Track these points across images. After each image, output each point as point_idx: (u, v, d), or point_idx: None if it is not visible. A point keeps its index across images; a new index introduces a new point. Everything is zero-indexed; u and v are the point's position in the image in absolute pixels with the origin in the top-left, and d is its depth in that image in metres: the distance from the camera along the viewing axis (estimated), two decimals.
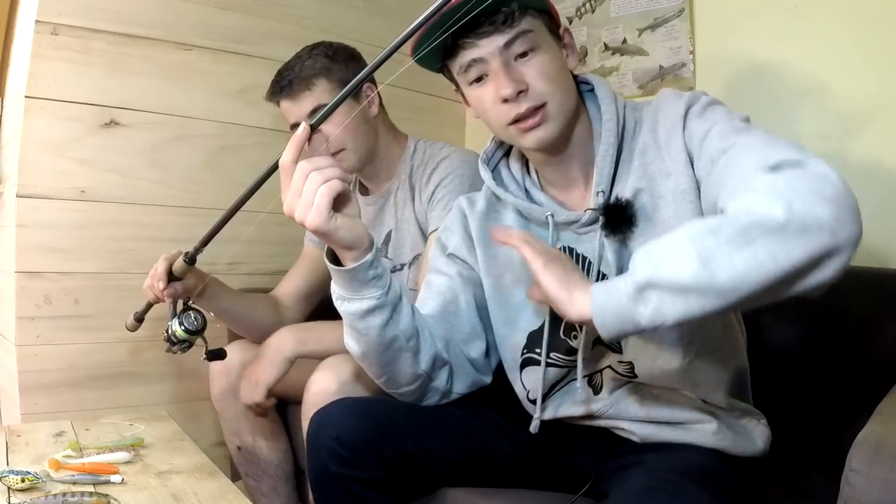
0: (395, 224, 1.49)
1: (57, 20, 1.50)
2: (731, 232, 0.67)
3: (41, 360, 1.53)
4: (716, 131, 0.86)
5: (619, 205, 0.91)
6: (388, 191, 1.50)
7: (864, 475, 0.67)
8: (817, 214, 0.66)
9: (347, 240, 0.87)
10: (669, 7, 1.68)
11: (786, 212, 0.66)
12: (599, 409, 1.01)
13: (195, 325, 1.19)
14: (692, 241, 0.69)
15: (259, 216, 1.17)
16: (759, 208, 0.67)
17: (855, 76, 1.37)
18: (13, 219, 1.50)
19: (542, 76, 0.91)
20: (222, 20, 1.73)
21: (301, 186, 0.83)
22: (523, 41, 0.90)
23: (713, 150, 0.84)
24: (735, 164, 0.78)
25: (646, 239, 0.90)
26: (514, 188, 1.04)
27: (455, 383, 1.04)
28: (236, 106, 1.77)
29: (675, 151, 0.90)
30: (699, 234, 0.69)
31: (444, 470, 1.03)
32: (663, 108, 0.94)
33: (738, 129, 0.84)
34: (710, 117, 0.89)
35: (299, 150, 0.85)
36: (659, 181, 0.92)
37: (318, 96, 1.38)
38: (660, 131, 0.93)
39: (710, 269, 0.67)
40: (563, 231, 0.99)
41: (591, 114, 0.99)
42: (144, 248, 1.62)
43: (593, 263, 0.95)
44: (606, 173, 0.94)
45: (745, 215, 0.68)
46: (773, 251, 0.66)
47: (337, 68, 1.40)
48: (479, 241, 1.06)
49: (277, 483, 1.50)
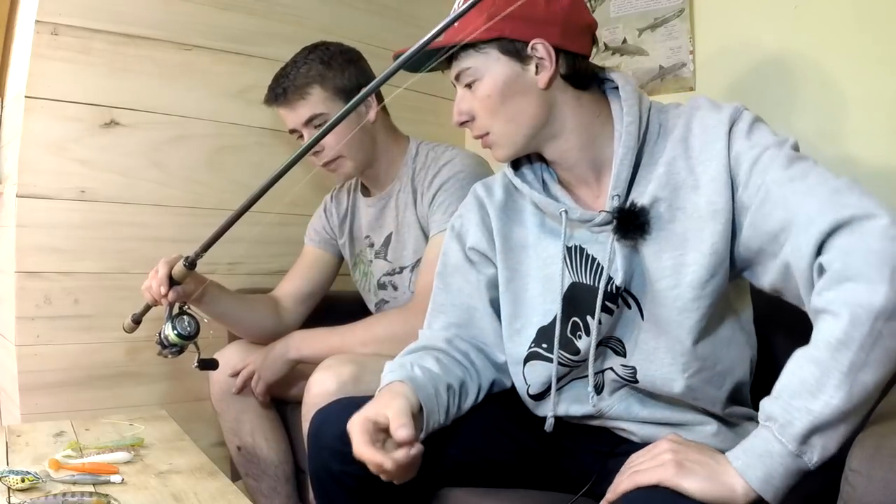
0: (396, 226, 1.49)
1: (57, 20, 1.50)
2: (860, 337, 0.68)
3: (41, 360, 1.53)
4: (768, 160, 0.84)
5: (633, 211, 0.90)
6: (389, 193, 1.50)
7: (864, 475, 0.66)
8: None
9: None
10: (669, 7, 1.68)
11: (892, 291, 0.68)
12: (601, 409, 1.01)
13: (188, 330, 1.20)
14: (827, 365, 0.69)
15: (268, 216, 1.17)
16: (867, 298, 0.68)
17: (856, 76, 1.37)
18: (13, 219, 1.50)
19: (483, 108, 0.96)
20: (222, 20, 1.73)
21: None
22: (466, 75, 0.96)
23: (769, 182, 0.82)
24: (801, 211, 0.78)
25: (657, 248, 0.90)
26: (532, 179, 1.03)
27: (481, 391, 1.05)
28: (236, 106, 1.77)
29: (714, 169, 0.87)
30: (830, 355, 0.69)
31: (445, 470, 1.03)
32: (700, 120, 0.91)
33: (791, 159, 0.83)
34: (758, 140, 0.86)
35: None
36: (682, 193, 0.90)
37: (313, 105, 1.38)
38: (693, 142, 0.90)
39: (861, 382, 0.68)
40: (577, 229, 0.98)
41: (614, 112, 0.96)
42: (144, 248, 1.63)
43: (603, 266, 0.94)
44: (624, 177, 0.92)
45: (861, 312, 0.68)
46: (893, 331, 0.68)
47: (332, 75, 1.39)
48: (499, 234, 1.05)
49: (277, 483, 1.50)
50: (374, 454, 0.82)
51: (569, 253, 0.98)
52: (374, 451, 0.82)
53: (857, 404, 0.68)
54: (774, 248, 0.82)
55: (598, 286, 0.94)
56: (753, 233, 0.84)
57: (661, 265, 0.90)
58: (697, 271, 0.88)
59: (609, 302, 0.95)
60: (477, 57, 0.94)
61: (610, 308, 0.95)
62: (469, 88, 0.97)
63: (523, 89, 0.95)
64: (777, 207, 0.81)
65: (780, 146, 0.85)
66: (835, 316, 0.70)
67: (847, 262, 0.72)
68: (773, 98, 1.49)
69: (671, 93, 1.68)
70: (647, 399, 0.99)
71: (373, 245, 1.55)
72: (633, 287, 0.94)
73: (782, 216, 0.80)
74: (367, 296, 1.62)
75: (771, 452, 0.70)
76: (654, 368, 0.94)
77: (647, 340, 0.95)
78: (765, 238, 0.83)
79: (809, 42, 1.44)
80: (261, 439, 1.49)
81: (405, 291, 1.48)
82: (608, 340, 0.98)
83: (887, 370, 0.68)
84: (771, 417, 0.72)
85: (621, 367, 0.98)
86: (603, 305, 0.94)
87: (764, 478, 0.70)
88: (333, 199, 1.65)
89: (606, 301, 0.94)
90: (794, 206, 0.79)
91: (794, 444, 0.69)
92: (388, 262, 1.52)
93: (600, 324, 0.95)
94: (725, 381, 0.94)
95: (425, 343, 1.07)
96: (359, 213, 1.59)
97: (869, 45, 1.35)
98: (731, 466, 0.72)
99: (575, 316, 0.98)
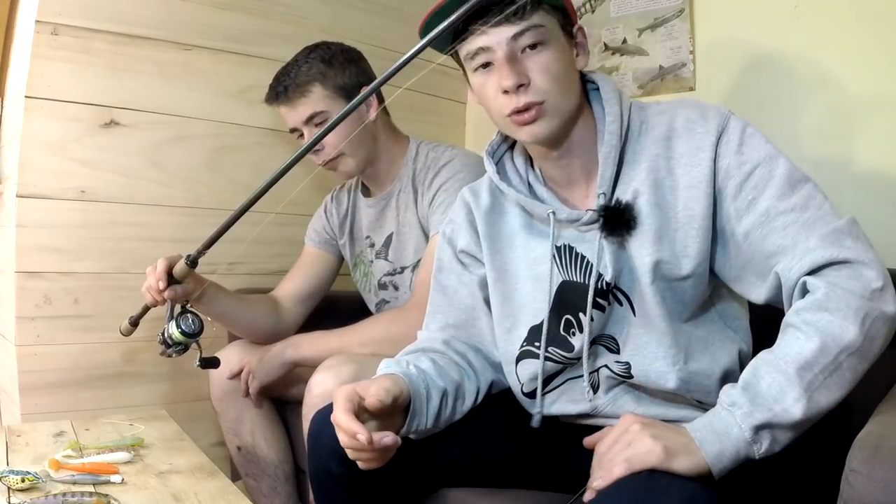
0: (397, 227, 1.49)
1: (57, 20, 1.50)
2: (824, 363, 0.77)
3: (41, 360, 1.53)
4: (762, 177, 0.87)
5: (618, 208, 0.92)
6: (390, 193, 1.50)
7: (864, 475, 0.67)
8: (882, 323, 0.78)
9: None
10: (669, 7, 1.68)
11: (860, 334, 0.77)
12: (596, 407, 1.01)
13: (192, 328, 1.19)
14: (791, 379, 0.77)
15: (268, 216, 1.17)
16: (839, 332, 0.77)
17: (855, 76, 1.37)
18: (13, 219, 1.50)
19: (545, 72, 0.90)
20: (222, 20, 1.73)
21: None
22: (532, 34, 0.90)
23: (769, 206, 0.86)
24: (800, 244, 0.83)
25: (638, 243, 0.92)
26: (517, 182, 1.04)
27: (480, 393, 1.06)
28: (236, 106, 1.77)
29: (694, 177, 0.89)
30: (796, 372, 0.77)
31: (445, 470, 1.03)
32: (685, 122, 0.92)
33: (789, 181, 0.86)
34: (750, 155, 0.88)
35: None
36: (661, 191, 0.92)
37: (314, 103, 1.38)
38: (677, 143, 0.92)
39: (816, 400, 0.76)
40: (565, 229, 0.99)
41: (596, 113, 0.99)
42: (144, 248, 1.63)
43: (592, 264, 0.95)
44: (608, 176, 0.94)
45: (830, 342, 0.77)
46: (855, 367, 0.78)
47: (333, 73, 1.39)
48: (485, 236, 1.06)
49: (277, 483, 1.50)
50: (351, 422, 0.82)
51: (558, 252, 0.99)
52: (352, 420, 0.83)
53: (811, 417, 0.77)
54: (764, 265, 0.87)
55: (588, 283, 0.95)
56: (747, 248, 0.88)
57: (642, 260, 0.92)
58: (672, 270, 0.91)
59: (600, 298, 0.96)
60: (547, 17, 0.91)
61: (601, 305, 0.96)
62: (531, 50, 0.91)
63: (574, 67, 0.96)
64: (775, 233, 0.85)
65: (771, 161, 0.87)
66: (807, 337, 0.78)
67: (830, 294, 0.79)
68: (772, 98, 1.49)
69: (671, 93, 1.68)
70: (642, 396, 0.99)
71: (373, 245, 1.55)
72: (622, 283, 0.95)
73: (779, 243, 0.85)
74: (367, 296, 1.62)
75: (729, 434, 0.77)
76: (647, 363, 0.95)
77: (639, 335, 0.96)
78: (758, 255, 0.87)
79: (809, 42, 1.44)
80: (261, 439, 1.49)
81: (406, 291, 1.48)
82: (601, 338, 0.99)
83: (840, 395, 0.77)
84: (735, 404, 0.78)
85: (615, 364, 0.98)
86: (595, 302, 0.95)
87: (717, 454, 0.77)
88: (334, 199, 1.65)
89: (598, 298, 0.95)
90: (792, 236, 0.84)
91: (750, 433, 0.76)
92: (388, 262, 1.52)
93: (592, 320, 0.96)
94: (715, 373, 0.95)
95: (423, 345, 1.07)
96: (359, 214, 1.59)
97: (869, 44, 1.35)
98: (692, 439, 0.78)
99: (567, 314, 0.99)
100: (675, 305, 0.93)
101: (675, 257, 0.91)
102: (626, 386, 1.00)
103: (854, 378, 0.78)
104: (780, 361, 0.79)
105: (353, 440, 0.83)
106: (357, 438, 0.82)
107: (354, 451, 0.85)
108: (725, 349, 0.96)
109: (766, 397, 0.77)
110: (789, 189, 0.86)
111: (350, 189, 1.63)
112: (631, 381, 0.98)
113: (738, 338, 0.98)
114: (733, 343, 0.97)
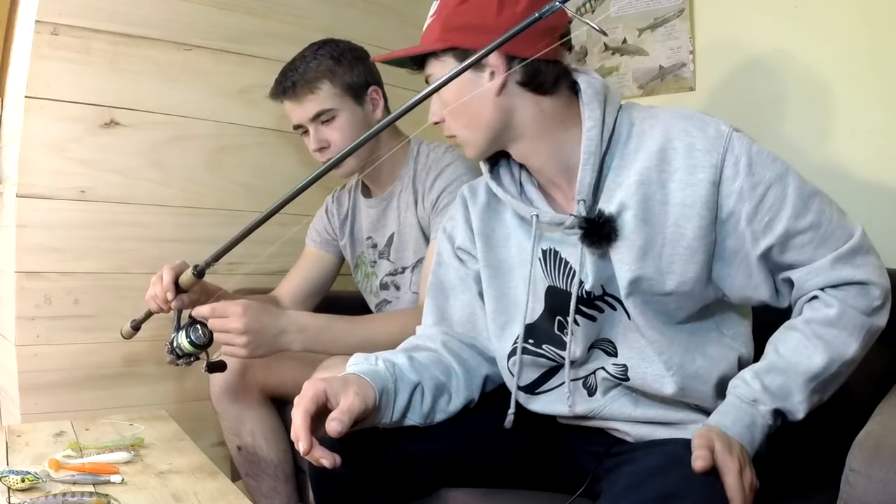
0: (398, 227, 1.49)
1: (57, 20, 1.50)
2: (826, 375, 0.88)
3: (41, 360, 1.53)
4: (776, 198, 0.88)
5: (599, 221, 0.91)
6: (391, 193, 1.50)
7: (864, 475, 0.67)
8: (874, 336, 0.90)
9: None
10: (669, 7, 1.68)
11: (860, 350, 0.89)
12: (594, 409, 1.01)
13: (202, 339, 1.18)
14: (800, 385, 0.88)
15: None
16: (843, 348, 0.88)
17: (856, 76, 1.37)
18: (13, 219, 1.51)
19: (447, 113, 0.99)
20: (222, 20, 1.73)
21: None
22: (431, 81, 0.98)
23: (787, 226, 0.88)
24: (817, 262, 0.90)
25: (622, 257, 0.92)
26: (508, 182, 1.04)
27: (474, 389, 1.05)
28: (236, 106, 1.77)
29: (689, 196, 0.88)
30: (804, 380, 0.88)
31: (445, 470, 1.03)
32: (684, 135, 0.90)
33: (802, 198, 0.89)
34: (761, 176, 0.88)
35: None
36: (649, 206, 0.90)
37: (322, 100, 1.38)
38: (673, 157, 0.90)
39: (813, 400, 0.89)
40: (549, 231, 0.98)
41: (582, 116, 0.96)
42: (144, 248, 1.63)
43: (575, 270, 0.95)
44: (588, 182, 0.92)
45: (836, 357, 0.88)
46: (847, 373, 0.90)
47: (342, 71, 1.39)
48: (479, 233, 1.06)
49: (277, 483, 1.50)
50: (301, 427, 0.80)
51: (544, 256, 1.00)
52: (304, 424, 0.80)
53: (807, 414, 0.89)
54: (776, 275, 0.93)
55: (570, 290, 0.95)
56: (762, 267, 0.91)
57: (622, 274, 0.92)
58: (653, 286, 0.91)
59: (585, 307, 0.96)
60: (436, 64, 0.97)
61: (591, 314, 0.96)
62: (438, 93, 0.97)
63: (479, 96, 0.96)
64: (793, 250, 0.90)
65: (782, 179, 0.88)
66: (817, 351, 0.88)
67: (842, 314, 0.88)
68: (772, 98, 1.49)
69: (671, 93, 1.68)
70: (640, 399, 0.99)
71: (375, 246, 1.55)
72: (611, 290, 0.95)
73: (796, 258, 0.90)
74: (368, 296, 1.62)
75: (755, 415, 0.88)
76: (644, 365, 0.95)
77: (636, 339, 0.95)
78: (773, 270, 0.93)
79: (809, 42, 1.44)
80: (261, 439, 1.49)
81: (406, 291, 1.48)
82: (599, 342, 0.99)
83: (830, 394, 0.91)
84: (757, 400, 0.88)
85: (613, 366, 0.98)
86: (581, 310, 0.96)
87: (749, 442, 0.87)
88: (335, 200, 1.65)
89: (583, 306, 0.96)
90: (809, 254, 0.90)
91: (770, 419, 0.88)
92: (391, 262, 1.52)
93: (577, 324, 0.96)
94: (712, 378, 0.95)
95: (417, 342, 1.07)
96: (360, 214, 1.59)
97: (869, 44, 1.35)
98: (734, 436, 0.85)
99: (559, 316, 1.00)
100: (659, 316, 0.93)
101: (658, 273, 0.91)
102: (624, 387, 0.99)
103: (842, 381, 0.90)
104: (790, 369, 0.88)
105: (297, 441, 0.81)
106: (302, 444, 0.80)
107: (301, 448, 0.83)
108: (723, 356, 0.96)
109: (777, 395, 0.88)
110: (803, 207, 0.88)
111: (351, 190, 1.63)
112: (628, 384, 0.98)
113: (737, 344, 0.97)
114: (731, 350, 0.96)
